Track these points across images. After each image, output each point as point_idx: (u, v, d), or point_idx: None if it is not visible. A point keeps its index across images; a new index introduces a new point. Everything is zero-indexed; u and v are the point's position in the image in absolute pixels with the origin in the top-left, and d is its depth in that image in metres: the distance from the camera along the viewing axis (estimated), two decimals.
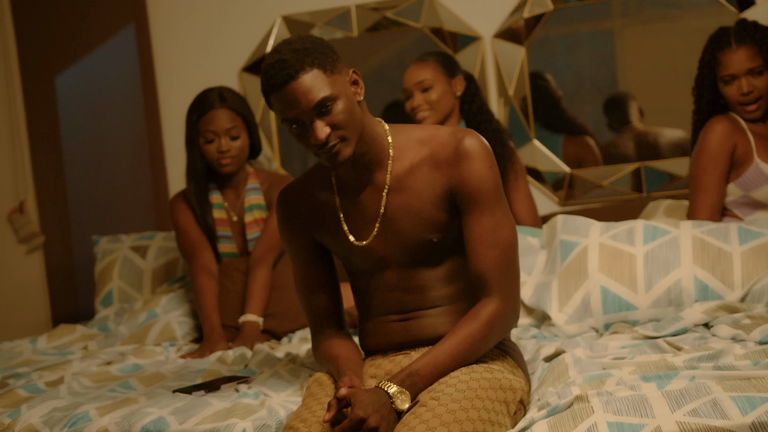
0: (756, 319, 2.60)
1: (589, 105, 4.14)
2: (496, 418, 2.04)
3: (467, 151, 2.22)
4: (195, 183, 3.54)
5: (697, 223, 3.00)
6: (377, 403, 2.02)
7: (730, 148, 3.22)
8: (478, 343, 2.18)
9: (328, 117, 2.13)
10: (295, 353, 2.97)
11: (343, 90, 2.17)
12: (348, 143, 2.16)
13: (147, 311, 3.57)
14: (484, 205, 2.22)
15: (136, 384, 2.72)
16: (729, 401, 1.90)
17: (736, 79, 3.22)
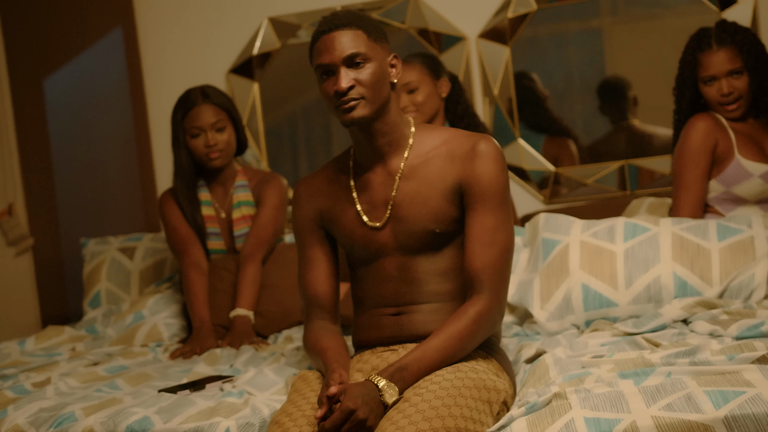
0: (733, 314, 2.63)
1: (579, 103, 4.17)
2: (478, 417, 2.07)
3: (482, 151, 2.33)
4: (183, 181, 3.57)
5: (677, 220, 3.03)
6: (366, 395, 2.06)
7: (712, 145, 3.24)
8: (466, 339, 2.24)
9: (356, 71, 2.28)
10: (280, 352, 3.00)
11: (378, 59, 2.31)
12: (365, 105, 2.29)
13: (134, 313, 3.58)
14: (488, 204, 2.32)
15: (122, 384, 2.74)
16: (703, 395, 1.93)
17: (717, 80, 3.25)
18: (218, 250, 3.62)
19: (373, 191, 2.42)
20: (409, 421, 1.97)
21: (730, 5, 3.87)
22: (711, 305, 2.74)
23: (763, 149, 3.26)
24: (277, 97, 4.47)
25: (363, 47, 2.28)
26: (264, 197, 3.61)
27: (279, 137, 4.49)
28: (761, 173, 3.20)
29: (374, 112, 2.31)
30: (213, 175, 3.63)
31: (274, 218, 3.60)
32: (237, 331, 3.32)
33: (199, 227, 3.59)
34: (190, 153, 3.55)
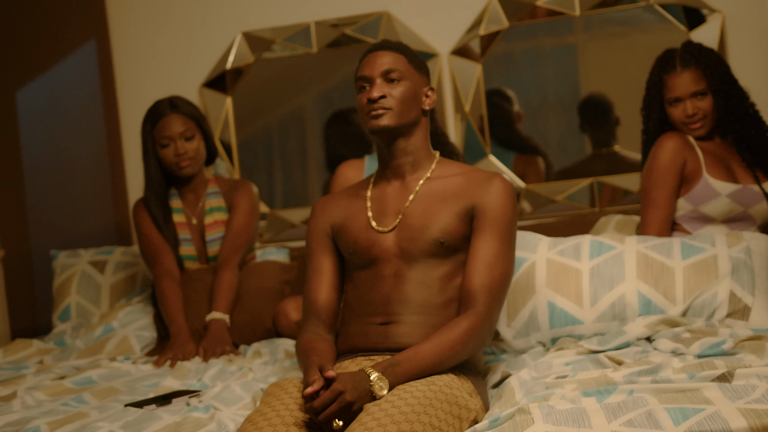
0: (696, 333, 2.66)
1: (553, 119, 4.19)
2: (446, 428, 2.10)
3: (498, 183, 2.52)
4: (153, 191, 3.63)
5: (642, 238, 3.06)
6: (357, 382, 2.14)
7: (680, 164, 3.28)
8: (458, 347, 2.34)
9: (390, 86, 2.50)
10: (248, 367, 3.00)
11: (413, 82, 2.54)
12: (392, 116, 2.49)
13: (103, 325, 3.58)
14: (496, 231, 2.47)
15: (89, 398, 2.73)
16: (663, 412, 1.96)
17: (681, 101, 3.29)
18: (189, 256, 3.66)
19: (386, 202, 2.58)
20: (378, 423, 2.00)
21: (698, 25, 3.92)
22: (674, 323, 2.77)
23: (730, 169, 3.30)
24: (250, 111, 4.48)
25: (401, 66, 2.52)
26: (236, 203, 3.67)
27: (253, 151, 4.49)
28: (728, 192, 3.23)
29: (398, 125, 2.50)
30: (184, 184, 3.69)
31: (247, 224, 3.66)
32: (213, 334, 3.36)
33: (172, 236, 3.62)
34: (160, 163, 3.61)
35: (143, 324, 3.62)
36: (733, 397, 2.00)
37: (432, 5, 4.25)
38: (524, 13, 4.12)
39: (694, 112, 3.28)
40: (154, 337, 3.58)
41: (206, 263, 3.69)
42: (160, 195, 3.64)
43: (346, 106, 4.40)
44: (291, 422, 2.12)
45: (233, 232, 3.64)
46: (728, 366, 2.25)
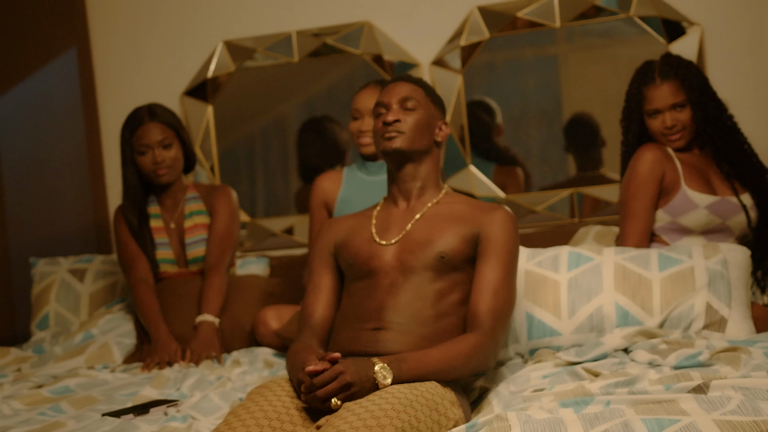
0: (672, 344, 2.67)
1: (535, 129, 4.21)
2: (424, 426, 2.11)
3: (502, 213, 2.64)
4: (130, 198, 3.64)
5: (620, 249, 3.08)
6: (359, 367, 2.21)
7: (659, 175, 3.29)
8: (462, 359, 2.40)
9: (404, 113, 2.63)
10: (227, 377, 2.99)
11: (428, 113, 2.68)
12: (403, 139, 2.62)
13: (83, 332, 3.57)
14: (501, 259, 2.57)
15: (66, 407, 2.72)
16: (639, 423, 1.96)
17: (660, 113, 3.31)
18: (166, 260, 3.67)
19: (391, 220, 2.69)
20: (358, 417, 2.02)
21: (678, 38, 3.95)
22: (651, 335, 2.78)
23: (708, 181, 3.32)
24: (232, 120, 4.48)
25: (417, 96, 2.67)
26: (217, 207, 3.70)
27: (235, 160, 4.50)
28: (706, 204, 3.25)
29: (409, 150, 2.63)
30: (163, 190, 3.71)
31: (230, 228, 3.69)
32: (202, 337, 3.39)
33: (147, 242, 3.64)
34: (138, 170, 3.62)
35: (124, 331, 3.61)
36: (708, 408, 2.01)
37: (413, 16, 4.27)
38: (505, 25, 4.14)
39: (673, 124, 3.30)
40: (135, 344, 3.57)
41: (185, 266, 3.70)
42: (137, 202, 3.65)
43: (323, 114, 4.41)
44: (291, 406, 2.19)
45: (218, 236, 3.66)
46: (704, 377, 2.26)
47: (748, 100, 3.87)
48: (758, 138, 3.55)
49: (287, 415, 2.16)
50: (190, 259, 3.68)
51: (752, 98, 3.91)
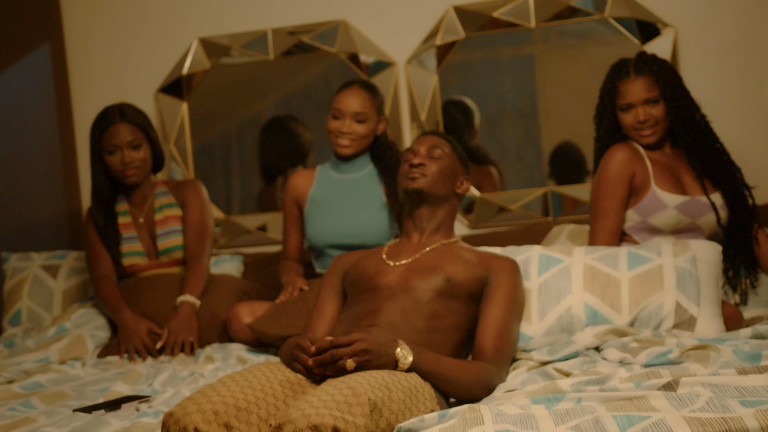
0: (643, 342, 2.69)
1: (510, 128, 4.22)
2: (396, 408, 2.15)
3: (511, 262, 2.81)
4: (98, 197, 3.68)
5: (589, 249, 3.10)
6: (381, 339, 2.36)
7: (629, 175, 3.31)
8: (470, 377, 2.51)
9: (430, 160, 2.88)
10: (199, 373, 2.99)
11: (453, 165, 2.92)
12: (425, 181, 2.84)
13: (56, 326, 3.56)
14: (507, 302, 2.73)
15: (37, 403, 2.71)
16: (610, 419, 1.98)
17: (633, 108, 3.32)
18: (135, 252, 3.71)
19: (403, 248, 2.89)
20: (334, 387, 2.07)
21: (652, 39, 3.98)
22: (622, 333, 2.80)
23: (679, 180, 3.34)
24: (207, 117, 4.47)
25: (446, 147, 2.92)
26: (188, 200, 3.75)
27: (210, 157, 4.49)
28: (676, 204, 3.27)
29: (428, 192, 2.84)
30: (131, 189, 3.74)
31: (204, 218, 3.75)
32: (181, 317, 3.43)
33: (111, 240, 3.67)
34: (106, 169, 3.65)
35: (98, 324, 3.60)
36: (678, 405, 2.03)
37: (389, 14, 4.27)
38: (480, 24, 4.15)
39: (646, 119, 3.31)
40: (110, 336, 3.57)
41: (156, 258, 3.73)
42: (104, 200, 3.68)
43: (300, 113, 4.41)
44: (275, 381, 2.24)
45: (194, 227, 3.71)
46: (673, 375, 2.28)
47: (721, 101, 3.90)
48: (730, 138, 3.57)
49: (270, 389, 2.20)
50: (161, 250, 3.72)
51: (725, 99, 3.94)
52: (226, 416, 2.04)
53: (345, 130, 3.60)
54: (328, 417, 1.92)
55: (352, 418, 1.96)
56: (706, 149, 3.35)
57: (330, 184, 3.71)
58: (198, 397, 2.09)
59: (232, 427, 2.04)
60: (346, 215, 3.63)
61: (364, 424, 1.97)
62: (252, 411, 2.10)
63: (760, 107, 3.94)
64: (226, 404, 2.07)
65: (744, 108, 3.96)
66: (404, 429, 2.08)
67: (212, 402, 2.06)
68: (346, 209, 3.64)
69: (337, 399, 1.99)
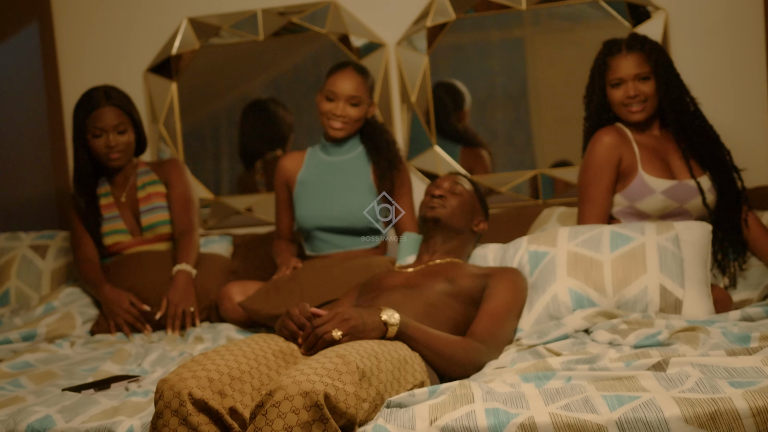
0: (632, 324, 2.70)
1: (500, 111, 4.21)
2: (385, 378, 2.18)
3: (511, 270, 2.97)
4: (80, 179, 3.69)
5: (573, 234, 3.11)
6: (363, 310, 2.40)
7: (616, 160, 3.30)
8: (458, 350, 2.53)
9: (451, 195, 3.11)
10: (189, 352, 2.99)
11: (471, 205, 3.15)
12: (443, 212, 3.06)
13: (44, 304, 3.57)
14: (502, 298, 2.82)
15: (26, 382, 2.70)
16: (600, 399, 2.00)
17: (624, 83, 3.32)
18: (118, 230, 3.72)
19: (414, 264, 3.05)
20: (324, 355, 2.12)
21: (643, 21, 3.97)
22: (611, 315, 2.81)
23: (667, 164, 3.33)
24: (196, 98, 4.45)
25: (467, 186, 3.17)
26: (171, 178, 3.78)
27: (199, 138, 4.47)
28: (663, 189, 3.27)
29: (444, 222, 3.05)
30: (113, 171, 3.76)
31: (189, 194, 3.77)
32: (179, 286, 3.45)
33: (93, 222, 3.70)
34: (89, 152, 3.67)
35: (86, 302, 3.63)
36: (667, 385, 2.04)
37: None
38: (471, 6, 4.14)
39: (636, 94, 3.30)
40: (97, 314, 3.57)
41: (140, 234, 3.74)
42: (86, 183, 3.70)
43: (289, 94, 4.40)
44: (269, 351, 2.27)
45: (181, 202, 3.74)
46: (663, 355, 2.29)
47: (711, 84, 3.90)
48: (721, 121, 3.57)
49: (264, 358, 2.23)
50: (145, 226, 3.73)
51: (715, 82, 3.94)
52: (221, 384, 2.07)
53: (339, 113, 3.59)
54: (319, 384, 1.95)
55: (342, 385, 1.99)
56: (695, 130, 3.35)
57: (319, 167, 3.71)
58: (192, 365, 2.12)
59: (226, 394, 2.07)
60: (335, 198, 3.63)
61: (354, 391, 2.01)
62: (245, 380, 2.13)
63: (750, 90, 3.95)
64: (221, 372, 2.10)
65: (734, 91, 3.96)
66: (394, 403, 2.09)
67: (207, 369, 2.09)
68: (335, 192, 3.64)
69: (327, 367, 2.02)
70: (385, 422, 2.04)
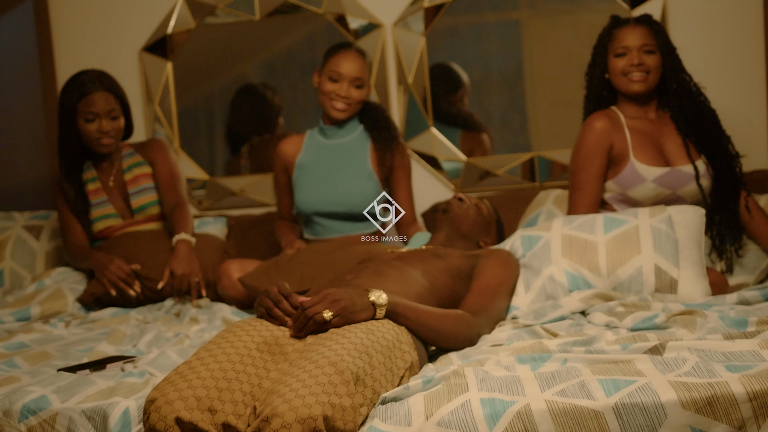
0: (629, 306, 2.70)
1: (496, 94, 4.20)
2: (378, 377, 2.13)
3: (500, 250, 3.02)
4: (67, 162, 3.67)
5: (567, 220, 3.11)
6: (352, 291, 2.37)
7: (606, 147, 3.29)
8: (449, 324, 2.52)
9: (477, 206, 3.20)
10: (184, 334, 2.98)
11: (489, 224, 3.23)
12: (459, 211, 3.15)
13: (36, 282, 3.58)
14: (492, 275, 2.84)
15: (20, 362, 2.69)
16: (596, 383, 1.98)
17: (629, 52, 3.29)
18: (109, 215, 3.72)
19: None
20: (316, 365, 2.03)
21: (641, 3, 3.95)
22: (608, 297, 2.81)
23: (661, 149, 3.31)
24: (192, 78, 4.43)
25: (490, 209, 3.25)
26: (155, 157, 3.79)
27: (193, 118, 4.45)
28: (654, 177, 3.25)
29: (454, 218, 3.14)
30: (99, 157, 3.75)
31: (175, 170, 3.79)
32: (182, 255, 3.48)
33: (81, 209, 3.68)
34: (79, 135, 3.63)
35: (77, 279, 3.64)
36: (664, 369, 2.04)
37: None
38: None
39: (640, 62, 3.28)
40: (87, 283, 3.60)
41: (131, 217, 3.74)
42: (73, 167, 3.68)
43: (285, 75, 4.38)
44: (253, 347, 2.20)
45: (167, 180, 3.75)
46: (660, 339, 2.29)
47: (709, 67, 3.88)
48: (718, 105, 3.54)
49: (249, 357, 2.17)
50: (135, 208, 3.73)
51: (713, 64, 3.92)
52: (209, 400, 2.00)
53: (343, 94, 3.59)
54: (316, 407, 1.90)
55: (338, 399, 1.95)
56: (695, 113, 3.32)
57: (317, 150, 3.70)
58: (178, 380, 2.04)
59: (216, 410, 1.99)
60: (333, 183, 3.62)
61: (350, 404, 1.96)
62: (234, 388, 2.05)
63: (749, 73, 3.94)
64: (207, 387, 2.02)
65: (732, 73, 3.94)
66: (389, 398, 2.07)
67: (193, 387, 2.01)
68: (333, 177, 3.63)
69: (321, 381, 1.96)
70: (381, 421, 2.02)
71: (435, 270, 2.79)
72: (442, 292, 2.73)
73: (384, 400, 2.07)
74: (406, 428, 1.98)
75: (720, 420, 1.89)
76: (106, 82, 3.61)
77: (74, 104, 3.58)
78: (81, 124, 3.60)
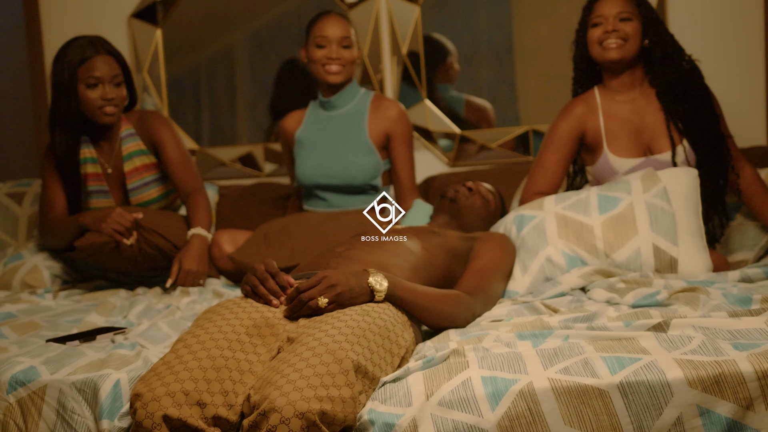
0: (630, 283, 2.67)
1: (485, 68, 4.15)
2: (378, 361, 2.08)
3: (497, 233, 2.99)
4: (65, 132, 3.38)
5: (560, 198, 3.07)
6: (350, 274, 2.29)
7: (578, 135, 3.28)
8: (448, 304, 2.48)
9: (481, 195, 3.21)
10: (176, 305, 2.93)
11: (495, 216, 3.24)
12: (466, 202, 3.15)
13: (14, 254, 3.53)
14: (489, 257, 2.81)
15: (8, 332, 2.65)
16: (599, 361, 1.94)
17: (605, 21, 3.22)
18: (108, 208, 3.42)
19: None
20: (313, 353, 1.97)
21: None
22: (608, 273, 2.78)
23: (639, 137, 3.23)
24: (181, 46, 4.36)
25: (498, 202, 3.25)
26: (160, 138, 3.49)
27: (182, 87, 4.39)
28: (627, 169, 3.19)
29: (459, 209, 3.12)
30: (98, 130, 3.48)
31: (185, 152, 3.52)
32: (195, 252, 3.29)
33: (75, 186, 3.44)
34: (79, 103, 3.37)
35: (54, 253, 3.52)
36: (669, 347, 2.00)
37: None
38: None
39: (614, 29, 3.20)
40: (63, 267, 3.49)
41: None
42: (73, 138, 3.39)
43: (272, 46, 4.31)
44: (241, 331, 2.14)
45: (180, 163, 3.48)
46: (664, 316, 2.25)
47: (708, 43, 3.84)
48: (716, 81, 3.51)
49: (238, 342, 2.10)
50: (135, 204, 3.50)
51: (711, 40, 3.88)
52: (197, 394, 1.93)
53: (334, 56, 3.55)
54: (314, 401, 1.84)
55: (338, 391, 1.89)
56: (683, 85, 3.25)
57: (317, 123, 3.67)
58: (164, 371, 1.97)
59: (206, 403, 1.92)
60: (332, 155, 3.59)
61: (350, 395, 1.91)
62: (224, 377, 1.98)
63: (747, 49, 3.90)
64: (195, 379, 1.95)
65: (731, 49, 3.90)
66: (389, 380, 2.03)
67: (180, 380, 1.94)
68: (332, 149, 3.60)
69: (319, 372, 1.91)
70: (380, 403, 1.97)
71: (431, 245, 2.75)
72: (437, 268, 2.69)
73: (384, 382, 2.03)
74: (406, 409, 1.93)
75: (727, 399, 1.85)
76: (108, 46, 3.37)
77: (74, 69, 3.32)
78: (82, 91, 3.34)
